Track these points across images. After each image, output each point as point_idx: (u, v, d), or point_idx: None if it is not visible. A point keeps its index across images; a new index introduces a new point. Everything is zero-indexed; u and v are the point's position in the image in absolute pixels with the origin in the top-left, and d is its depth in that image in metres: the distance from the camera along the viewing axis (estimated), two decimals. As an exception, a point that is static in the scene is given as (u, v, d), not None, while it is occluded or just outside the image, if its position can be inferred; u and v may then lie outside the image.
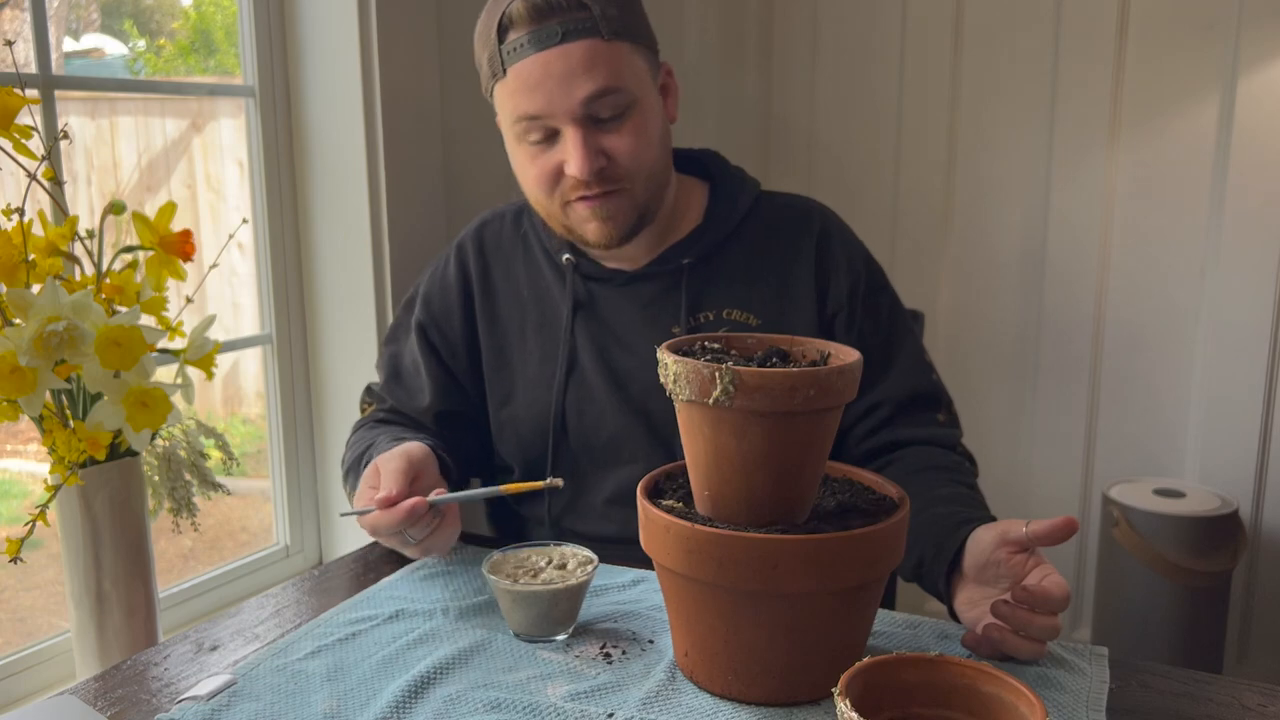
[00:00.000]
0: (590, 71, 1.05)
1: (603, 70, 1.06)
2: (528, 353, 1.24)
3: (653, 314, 1.20)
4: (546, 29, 1.05)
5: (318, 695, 0.86)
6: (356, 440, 1.25)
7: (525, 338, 1.24)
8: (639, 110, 1.10)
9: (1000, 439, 2.55)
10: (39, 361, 0.97)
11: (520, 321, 1.25)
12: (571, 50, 1.05)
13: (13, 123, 1.01)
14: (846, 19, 2.56)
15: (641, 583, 1.08)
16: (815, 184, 2.66)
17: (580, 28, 1.05)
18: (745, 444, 0.81)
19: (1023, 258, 2.46)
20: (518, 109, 1.09)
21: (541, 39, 1.05)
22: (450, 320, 1.27)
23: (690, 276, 1.20)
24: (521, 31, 1.06)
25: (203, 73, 1.69)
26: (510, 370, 1.25)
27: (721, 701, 0.84)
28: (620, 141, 1.09)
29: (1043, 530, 0.89)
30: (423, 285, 1.31)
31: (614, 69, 1.07)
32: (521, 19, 1.06)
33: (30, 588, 1.49)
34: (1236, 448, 2.29)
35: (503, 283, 1.26)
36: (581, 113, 1.07)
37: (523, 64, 1.07)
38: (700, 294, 1.20)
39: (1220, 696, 0.87)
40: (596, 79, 1.06)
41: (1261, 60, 2.14)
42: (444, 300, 1.28)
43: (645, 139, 1.11)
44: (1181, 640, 2.18)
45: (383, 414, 1.28)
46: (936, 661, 0.72)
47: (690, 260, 1.20)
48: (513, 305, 1.25)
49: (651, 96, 1.13)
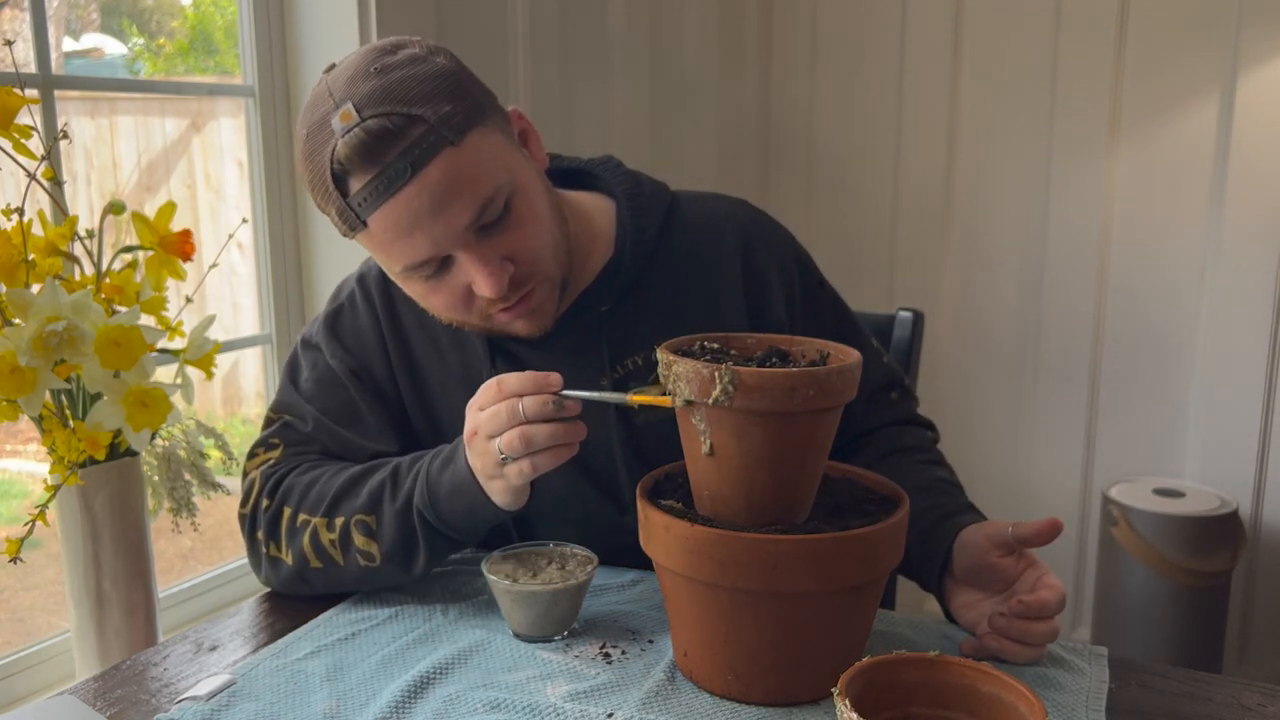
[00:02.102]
0: (459, 193, 0.92)
1: (470, 184, 0.92)
2: (456, 410, 1.03)
3: (576, 368, 1.07)
4: (390, 169, 0.90)
5: (317, 695, 0.86)
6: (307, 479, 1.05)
7: (450, 392, 1.11)
8: (519, 196, 0.97)
9: (1000, 439, 2.55)
10: (39, 361, 0.97)
11: (442, 375, 1.12)
12: (428, 178, 0.90)
13: (12, 122, 1.01)
14: (846, 19, 2.56)
15: (641, 583, 1.08)
16: (815, 184, 2.66)
17: (425, 149, 0.90)
18: (745, 444, 0.81)
19: (1023, 258, 2.47)
20: (402, 259, 0.95)
21: (390, 181, 0.90)
22: (374, 365, 1.12)
23: (610, 324, 1.09)
24: (363, 179, 0.90)
25: (202, 73, 1.69)
26: (439, 424, 1.12)
27: (721, 701, 0.84)
28: (516, 240, 0.97)
29: (1028, 533, 0.89)
30: (323, 332, 1.14)
31: (480, 174, 0.93)
32: (355, 166, 0.90)
33: (30, 588, 1.49)
34: (1236, 448, 2.29)
35: (416, 332, 1.12)
36: (470, 236, 0.94)
37: (380, 213, 0.92)
38: (623, 340, 1.10)
39: (1220, 696, 0.87)
40: (470, 199, 0.92)
41: (1261, 60, 2.14)
42: (360, 345, 1.12)
43: (537, 223, 0.99)
44: (1181, 640, 2.18)
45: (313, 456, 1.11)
46: (936, 661, 0.72)
47: (607, 308, 1.09)
48: (431, 355, 1.12)
49: (522, 168, 0.99)
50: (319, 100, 0.93)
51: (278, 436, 1.11)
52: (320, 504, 1.03)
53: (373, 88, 0.90)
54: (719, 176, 2.51)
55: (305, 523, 1.03)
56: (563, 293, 1.05)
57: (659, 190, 1.15)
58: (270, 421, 1.13)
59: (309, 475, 1.06)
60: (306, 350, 1.15)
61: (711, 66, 2.48)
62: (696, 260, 1.13)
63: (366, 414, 1.11)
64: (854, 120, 2.59)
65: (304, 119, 0.95)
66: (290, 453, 1.10)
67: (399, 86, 0.91)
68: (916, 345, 1.48)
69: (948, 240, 2.54)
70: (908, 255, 2.58)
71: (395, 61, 0.93)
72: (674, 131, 2.36)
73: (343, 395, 1.11)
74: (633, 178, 1.15)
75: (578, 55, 2.04)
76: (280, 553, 1.04)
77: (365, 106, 0.90)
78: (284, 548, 1.04)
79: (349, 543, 1.01)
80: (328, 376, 1.12)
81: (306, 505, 1.04)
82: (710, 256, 1.13)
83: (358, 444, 1.10)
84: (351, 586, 1.04)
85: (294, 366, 1.15)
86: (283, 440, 1.11)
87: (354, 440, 1.10)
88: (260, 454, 1.11)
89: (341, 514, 1.01)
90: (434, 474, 0.98)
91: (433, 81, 0.92)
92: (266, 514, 1.05)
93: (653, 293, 1.11)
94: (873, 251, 2.61)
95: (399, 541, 0.99)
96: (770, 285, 1.13)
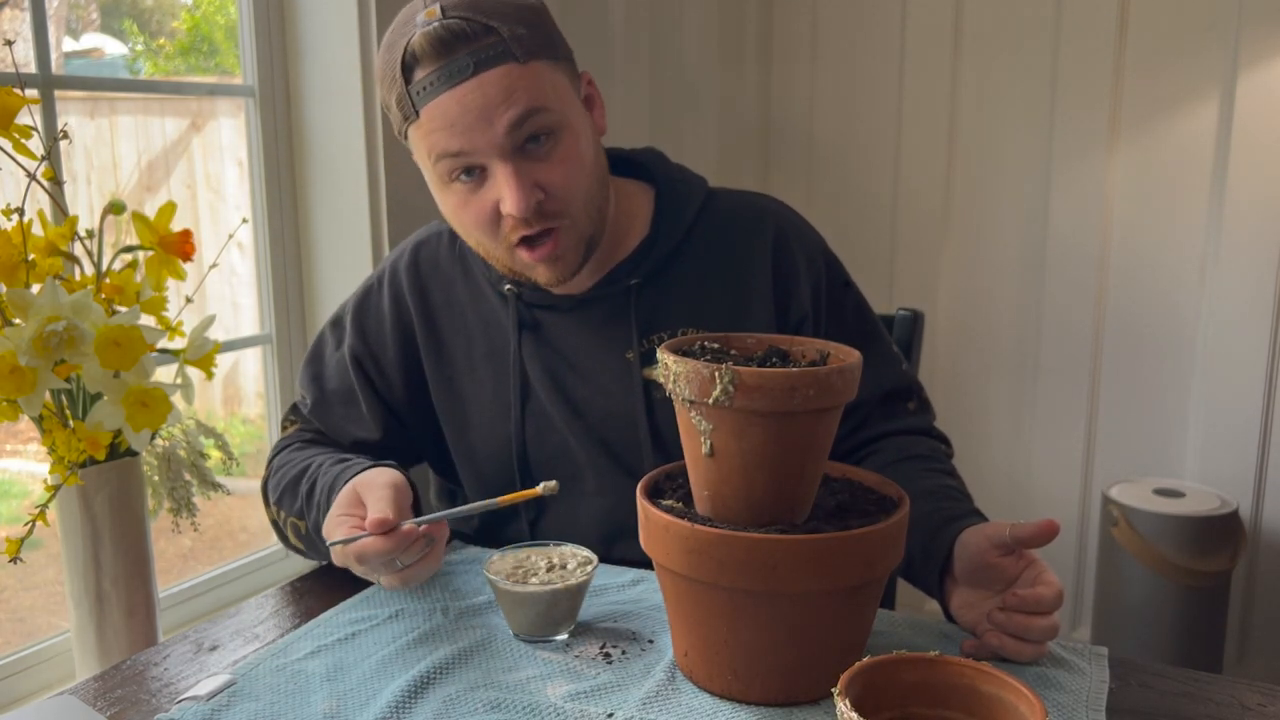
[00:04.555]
0: (510, 99, 0.98)
1: (522, 95, 0.98)
2: (479, 383, 1.17)
3: (604, 339, 1.13)
4: (455, 63, 0.97)
5: (317, 695, 0.86)
6: (284, 461, 1.15)
7: (474, 366, 1.17)
8: (568, 132, 1.03)
9: (1000, 439, 2.55)
10: (39, 361, 0.97)
11: (467, 349, 1.17)
12: (486, 80, 0.97)
13: (12, 123, 1.01)
14: (846, 19, 2.56)
15: (641, 583, 1.08)
16: (815, 184, 2.66)
17: (491, 55, 0.97)
18: (745, 444, 0.81)
19: (1023, 258, 2.47)
20: (437, 147, 1.01)
21: (452, 74, 0.97)
22: (385, 353, 1.19)
23: (639, 297, 1.13)
24: (429, 69, 0.98)
25: (203, 73, 1.69)
26: (463, 401, 1.18)
27: (721, 701, 0.84)
28: (553, 171, 1.02)
29: (1026, 534, 0.90)
30: (351, 310, 1.22)
31: (534, 92, 0.99)
32: (426, 55, 0.98)
33: (30, 588, 1.49)
34: (1236, 448, 2.29)
35: (444, 309, 1.18)
36: (508, 144, 0.99)
37: (436, 103, 0.98)
38: (652, 315, 1.13)
39: (1220, 696, 0.87)
40: (517, 104, 0.98)
41: (1261, 60, 2.14)
42: (378, 332, 1.19)
43: (578, 164, 1.04)
44: (1181, 640, 2.18)
45: (310, 434, 1.20)
46: (936, 661, 0.72)
47: (638, 281, 1.13)
48: (458, 333, 1.18)
49: (577, 114, 1.05)
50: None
51: (293, 412, 1.24)
52: (277, 491, 1.14)
53: None
54: (719, 175, 2.50)
55: (276, 501, 1.14)
56: (588, 253, 1.09)
57: (698, 181, 1.20)
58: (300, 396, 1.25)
59: (291, 456, 1.16)
60: (335, 329, 1.24)
61: (711, 65, 2.48)
62: (729, 246, 1.16)
63: (360, 401, 1.19)
64: (854, 119, 2.59)
65: (397, 18, 1.03)
66: (297, 430, 1.22)
67: (487, 1, 0.99)
68: (916, 345, 1.48)
69: (948, 240, 2.54)
70: (908, 255, 2.58)
71: None
72: (674, 130, 2.36)
73: (347, 379, 1.19)
74: (675, 168, 1.21)
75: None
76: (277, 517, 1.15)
77: (451, 8, 0.98)
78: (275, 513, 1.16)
79: (294, 534, 1.12)
80: (342, 359, 1.21)
81: (273, 488, 1.15)
82: (743, 243, 1.16)
83: (343, 428, 1.19)
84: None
85: (321, 341, 1.24)
86: (295, 417, 1.24)
87: (340, 425, 1.20)
88: (285, 428, 1.24)
89: (284, 509, 1.12)
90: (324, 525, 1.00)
91: (518, 6, 1.01)
92: (263, 483, 1.18)
93: (684, 272, 1.15)
94: (873, 251, 2.61)
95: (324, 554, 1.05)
96: (799, 275, 1.16)
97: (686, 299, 1.14)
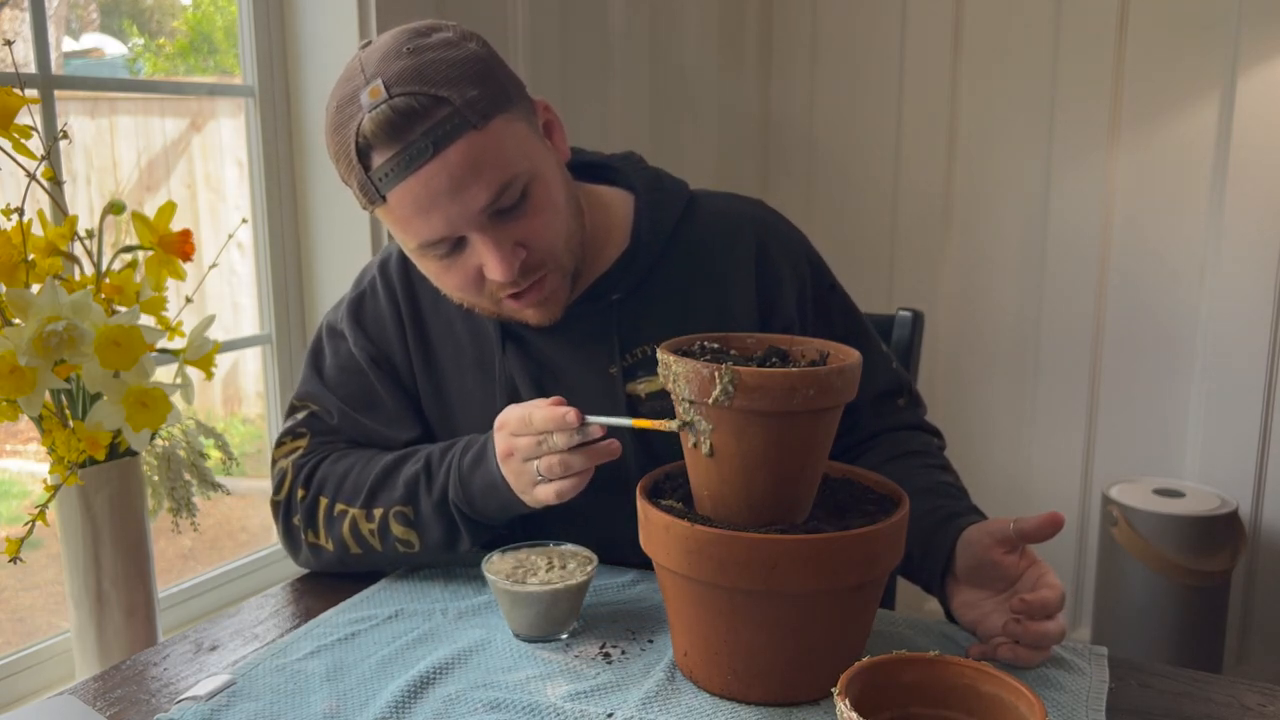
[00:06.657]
0: (479, 175, 0.94)
1: (490, 170, 0.94)
2: (468, 392, 1.14)
3: (586, 354, 1.11)
4: (412, 146, 0.92)
5: (317, 695, 0.86)
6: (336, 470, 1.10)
7: (463, 375, 1.14)
8: (538, 184, 0.99)
9: (1000, 439, 2.55)
10: (39, 361, 0.97)
11: (456, 356, 1.14)
12: (449, 159, 0.92)
13: (12, 123, 1.01)
14: (846, 20, 2.56)
15: (641, 583, 1.08)
16: (815, 184, 2.66)
17: (448, 130, 0.92)
18: (745, 444, 0.81)
19: (1022, 258, 2.47)
20: (418, 236, 0.97)
21: (412, 158, 0.92)
22: (394, 351, 1.16)
23: (621, 312, 1.11)
24: (385, 155, 0.93)
25: (202, 73, 1.69)
26: (451, 408, 1.15)
27: (721, 701, 0.84)
28: (531, 225, 0.99)
29: (1029, 528, 0.89)
30: (347, 318, 1.17)
31: (499, 161, 0.95)
32: (379, 140, 0.92)
33: (30, 588, 1.49)
34: (1236, 447, 2.29)
35: (432, 314, 1.15)
36: (485, 219, 0.96)
37: (401, 188, 0.94)
38: (634, 329, 1.11)
39: (1220, 696, 0.87)
40: (489, 181, 0.94)
41: (1261, 60, 2.14)
42: (382, 332, 1.16)
43: (553, 210, 1.01)
44: (1181, 640, 2.18)
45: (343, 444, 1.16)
46: (936, 661, 0.72)
47: (619, 296, 1.11)
48: (446, 339, 1.15)
49: (542, 157, 1.01)
50: (351, 75, 0.96)
51: (305, 426, 1.16)
52: (357, 495, 1.07)
53: (403, 67, 0.93)
54: (718, 176, 2.51)
55: (343, 513, 1.08)
56: (574, 282, 1.07)
57: (678, 187, 1.17)
58: (295, 409, 1.17)
59: (342, 465, 1.11)
60: (331, 337, 1.19)
61: (711, 66, 2.48)
62: (711, 255, 1.14)
63: (386, 401, 1.15)
64: (854, 120, 2.59)
65: (335, 92, 0.98)
66: (317, 442, 1.15)
67: (429, 68, 0.93)
68: (916, 345, 1.48)
69: (948, 240, 2.54)
70: (908, 255, 2.58)
71: (428, 44, 0.95)
72: (674, 131, 2.36)
73: (364, 383, 1.15)
74: (653, 173, 1.18)
75: (578, 55, 2.04)
76: (320, 540, 1.10)
77: (394, 84, 0.92)
78: (323, 535, 1.09)
79: (388, 532, 1.06)
80: (350, 364, 1.16)
81: (343, 496, 1.08)
82: (725, 252, 1.14)
83: (379, 431, 1.14)
84: (390, 567, 1.12)
85: (318, 353, 1.19)
86: (309, 430, 1.15)
87: (375, 428, 1.14)
88: (288, 443, 1.15)
89: (379, 505, 1.06)
90: (465, 471, 1.02)
91: (462, 66, 0.95)
92: (303, 503, 1.10)
93: (666, 284, 1.13)
94: (873, 251, 2.61)
95: (440, 532, 1.05)
96: (782, 283, 1.14)
97: (668, 311, 1.12)
